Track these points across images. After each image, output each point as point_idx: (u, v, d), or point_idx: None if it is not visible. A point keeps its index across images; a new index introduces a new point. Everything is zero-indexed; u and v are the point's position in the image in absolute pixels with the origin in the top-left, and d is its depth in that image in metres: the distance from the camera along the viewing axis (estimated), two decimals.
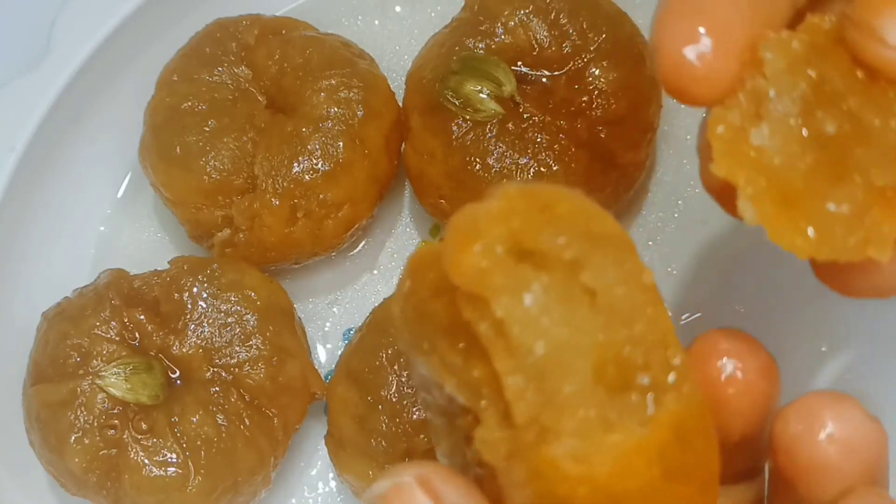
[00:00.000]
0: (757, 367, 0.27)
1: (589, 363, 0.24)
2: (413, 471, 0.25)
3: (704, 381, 0.27)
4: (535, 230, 0.25)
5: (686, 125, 0.53)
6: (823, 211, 0.27)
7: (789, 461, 0.26)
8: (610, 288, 0.25)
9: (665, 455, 0.24)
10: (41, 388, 0.46)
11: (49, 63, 0.51)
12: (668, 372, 0.25)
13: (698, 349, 0.27)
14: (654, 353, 0.25)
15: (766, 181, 0.28)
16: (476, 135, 0.48)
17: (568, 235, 0.25)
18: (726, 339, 0.27)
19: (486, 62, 0.48)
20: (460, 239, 0.25)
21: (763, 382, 0.27)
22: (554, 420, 0.24)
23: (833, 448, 0.25)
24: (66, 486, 0.46)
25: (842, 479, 0.25)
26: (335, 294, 0.53)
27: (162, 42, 0.53)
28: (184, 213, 0.50)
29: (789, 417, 0.26)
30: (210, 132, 0.49)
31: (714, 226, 0.52)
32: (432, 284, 0.26)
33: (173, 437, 0.45)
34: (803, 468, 0.25)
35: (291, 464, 0.50)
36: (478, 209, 0.25)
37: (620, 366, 0.25)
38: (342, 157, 0.48)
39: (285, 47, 0.51)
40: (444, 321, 0.26)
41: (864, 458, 0.25)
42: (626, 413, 0.24)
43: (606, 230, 0.26)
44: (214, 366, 0.46)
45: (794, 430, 0.26)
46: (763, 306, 0.49)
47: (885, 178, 0.27)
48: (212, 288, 0.47)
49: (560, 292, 0.25)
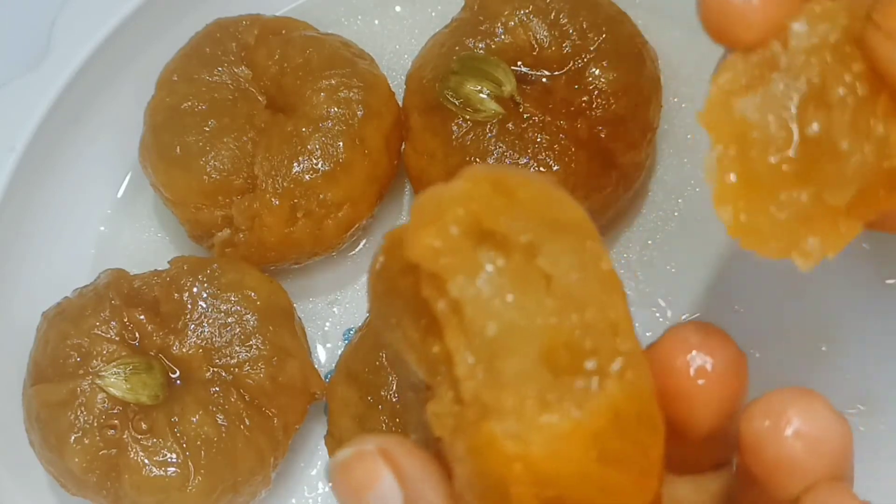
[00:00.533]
0: (726, 361, 0.27)
1: (537, 346, 0.25)
2: (376, 440, 0.26)
3: (673, 372, 0.27)
4: (494, 213, 0.25)
5: (686, 125, 0.53)
6: (764, 207, 0.27)
7: (755, 457, 0.26)
8: (565, 273, 0.25)
9: (601, 440, 0.24)
10: (41, 388, 0.46)
11: (49, 63, 0.51)
12: (613, 359, 0.25)
13: (669, 341, 0.27)
14: (604, 339, 0.25)
15: (735, 151, 0.28)
16: (476, 135, 0.48)
17: (526, 220, 0.25)
18: (696, 333, 0.27)
19: (486, 62, 0.48)
20: (421, 218, 0.25)
21: (732, 377, 0.27)
22: (494, 398, 0.24)
23: (798, 444, 0.25)
24: (66, 486, 0.46)
25: (807, 475, 0.25)
26: (335, 294, 0.53)
27: (162, 42, 0.53)
28: (184, 213, 0.50)
29: (754, 413, 0.26)
30: (210, 132, 0.49)
31: (714, 225, 0.51)
32: (402, 262, 0.26)
33: (173, 437, 0.45)
34: (769, 464, 0.26)
35: (291, 464, 0.50)
36: (441, 190, 0.26)
37: (569, 350, 0.25)
38: (342, 157, 0.48)
39: (285, 47, 0.51)
40: (410, 298, 0.26)
41: (830, 454, 0.25)
42: (568, 396, 0.24)
43: (567, 216, 0.26)
44: (214, 366, 0.46)
45: (760, 427, 0.26)
46: (763, 306, 0.49)
47: (836, 199, 0.27)
48: (212, 288, 0.47)
49: (515, 275, 0.25)
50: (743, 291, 0.50)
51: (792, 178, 0.28)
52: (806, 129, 0.27)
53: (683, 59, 0.54)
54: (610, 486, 0.25)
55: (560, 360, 0.25)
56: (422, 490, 0.26)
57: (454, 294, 0.25)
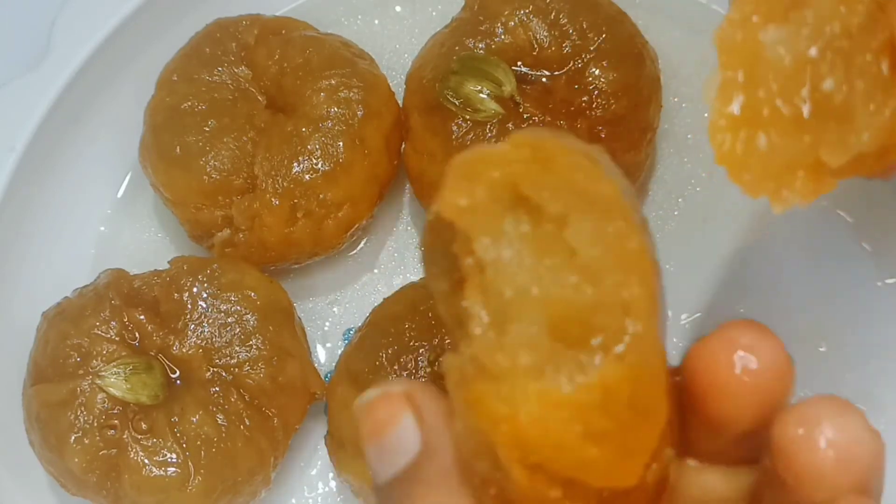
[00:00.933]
0: (772, 364, 0.27)
1: (547, 315, 0.25)
2: (403, 384, 0.28)
3: (719, 368, 0.27)
4: (530, 179, 0.26)
5: (686, 125, 0.53)
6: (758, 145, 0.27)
7: (785, 462, 0.26)
8: (589, 247, 0.25)
9: (587, 416, 0.25)
10: (41, 388, 0.46)
11: (49, 63, 0.51)
12: (620, 339, 0.25)
13: (718, 337, 0.27)
14: (613, 318, 0.25)
15: (742, 78, 0.27)
16: (476, 135, 0.48)
17: (560, 190, 0.26)
18: (747, 333, 0.27)
19: (486, 62, 0.48)
20: (456, 176, 0.26)
21: (776, 380, 0.27)
22: (492, 359, 0.25)
23: (829, 455, 0.25)
24: (66, 486, 0.46)
25: (834, 487, 0.25)
26: (335, 294, 0.53)
27: (162, 42, 0.53)
28: (184, 213, 0.50)
29: (789, 420, 0.26)
30: (210, 132, 0.49)
31: (714, 225, 0.52)
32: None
33: (173, 437, 0.45)
34: (798, 471, 0.26)
35: (291, 464, 0.50)
36: (482, 150, 0.26)
37: (578, 324, 0.25)
38: (342, 157, 0.48)
39: (285, 47, 0.51)
40: (447, 252, 0.27)
41: (859, 469, 0.25)
42: (564, 369, 0.25)
43: (601, 190, 0.26)
44: (214, 366, 0.46)
45: (794, 434, 0.26)
46: (763, 306, 0.49)
47: (832, 160, 0.27)
48: (212, 288, 0.47)
49: (541, 244, 0.26)
50: (743, 291, 0.50)
51: (792, 125, 0.27)
52: (820, 81, 0.27)
53: (683, 59, 0.54)
54: (589, 462, 0.25)
55: (567, 333, 0.25)
56: (438, 438, 0.27)
57: (479, 253, 0.25)
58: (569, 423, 0.25)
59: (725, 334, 0.27)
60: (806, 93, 0.27)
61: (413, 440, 0.27)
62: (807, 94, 0.27)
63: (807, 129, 0.27)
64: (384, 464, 0.27)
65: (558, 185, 0.26)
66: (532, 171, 0.26)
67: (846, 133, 0.27)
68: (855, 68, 0.27)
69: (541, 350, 0.25)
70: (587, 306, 0.25)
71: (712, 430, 0.28)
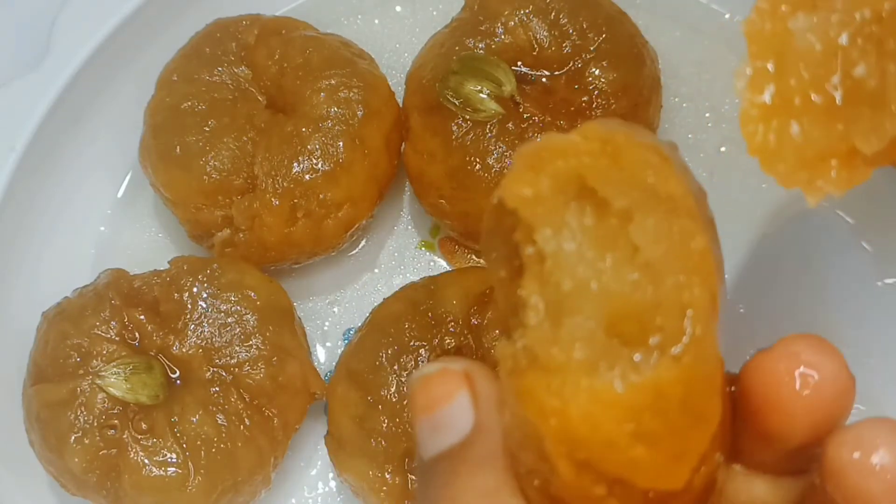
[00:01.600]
0: (833, 382, 0.26)
1: (605, 311, 0.25)
2: (463, 362, 0.28)
3: (778, 382, 0.26)
4: (598, 172, 0.26)
5: (686, 125, 0.53)
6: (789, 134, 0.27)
7: (837, 483, 0.26)
8: (651, 245, 0.25)
9: (638, 416, 0.24)
10: (41, 388, 0.46)
11: (49, 63, 0.51)
12: (677, 340, 0.25)
13: (780, 351, 0.27)
14: (671, 319, 0.25)
15: (773, 68, 0.27)
16: (476, 135, 0.48)
17: (627, 185, 0.25)
18: (809, 349, 0.27)
19: (486, 62, 0.48)
20: (521, 164, 0.26)
21: (835, 398, 0.26)
22: (546, 351, 0.25)
23: (884, 480, 0.25)
24: (66, 486, 0.46)
25: None
26: (335, 294, 0.53)
27: (162, 42, 0.53)
28: (184, 213, 0.50)
29: (844, 441, 0.26)
30: (210, 132, 0.49)
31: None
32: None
33: (173, 437, 0.45)
34: (851, 495, 0.25)
35: (291, 464, 0.50)
36: (551, 140, 0.26)
37: (636, 322, 0.25)
38: (342, 157, 0.48)
39: (285, 47, 0.51)
40: (508, 238, 0.27)
41: None
42: (618, 367, 0.25)
43: (668, 188, 0.26)
44: (214, 366, 0.46)
45: (848, 457, 0.25)
46: (763, 306, 0.49)
47: (866, 147, 0.27)
48: (212, 288, 0.47)
49: (604, 238, 0.25)
50: (743, 291, 0.50)
51: (824, 113, 0.27)
52: (852, 68, 0.27)
53: (683, 59, 0.54)
54: (637, 462, 0.25)
55: (624, 330, 0.25)
56: (491, 420, 0.27)
57: (540, 244, 0.25)
58: (619, 422, 0.24)
59: (788, 349, 0.27)
60: (838, 80, 0.27)
61: (466, 419, 0.27)
62: (838, 82, 0.27)
63: (840, 116, 0.27)
64: (434, 439, 0.27)
65: (625, 180, 0.25)
66: (600, 165, 0.26)
67: (881, 118, 0.27)
68: (887, 53, 0.27)
69: (595, 345, 0.25)
70: (646, 305, 0.25)
71: (764, 442, 0.27)
